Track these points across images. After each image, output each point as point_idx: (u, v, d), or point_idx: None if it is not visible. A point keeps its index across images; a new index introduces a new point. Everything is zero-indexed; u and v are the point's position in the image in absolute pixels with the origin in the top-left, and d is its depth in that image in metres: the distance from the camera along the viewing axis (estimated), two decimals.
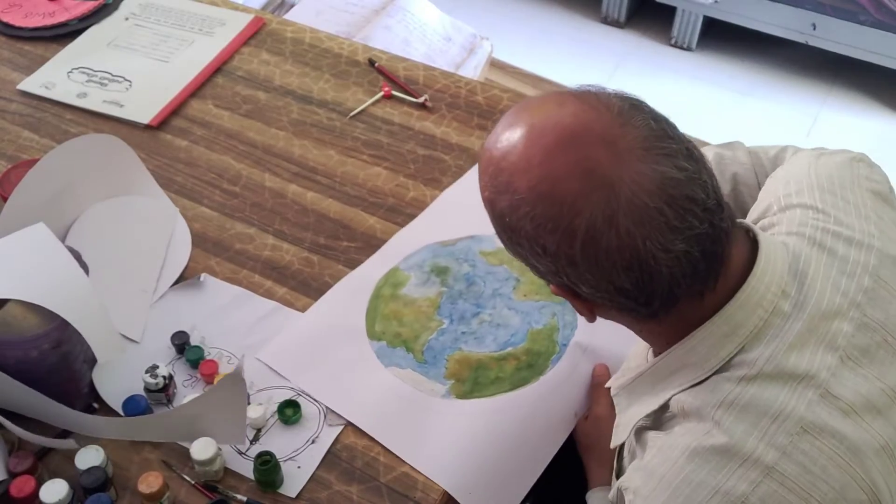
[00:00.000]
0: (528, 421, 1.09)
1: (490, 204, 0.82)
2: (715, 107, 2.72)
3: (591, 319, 0.85)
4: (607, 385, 0.97)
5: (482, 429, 1.08)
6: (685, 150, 0.76)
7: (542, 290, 1.21)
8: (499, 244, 1.24)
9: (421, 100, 1.50)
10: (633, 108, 0.77)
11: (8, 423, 1.02)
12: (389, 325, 1.19)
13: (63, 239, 1.23)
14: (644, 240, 0.73)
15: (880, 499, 0.78)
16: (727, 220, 0.78)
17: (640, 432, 0.89)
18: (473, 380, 1.13)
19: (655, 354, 0.87)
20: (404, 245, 1.28)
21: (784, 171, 0.97)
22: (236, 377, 0.98)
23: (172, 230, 1.30)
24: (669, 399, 0.83)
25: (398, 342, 1.17)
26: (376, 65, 1.57)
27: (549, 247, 0.76)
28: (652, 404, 0.85)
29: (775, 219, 0.89)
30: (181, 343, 1.15)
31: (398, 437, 1.07)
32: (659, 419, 0.86)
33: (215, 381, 1.10)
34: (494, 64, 2.28)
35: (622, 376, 0.93)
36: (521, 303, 1.21)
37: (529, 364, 1.14)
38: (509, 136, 0.79)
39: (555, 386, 1.13)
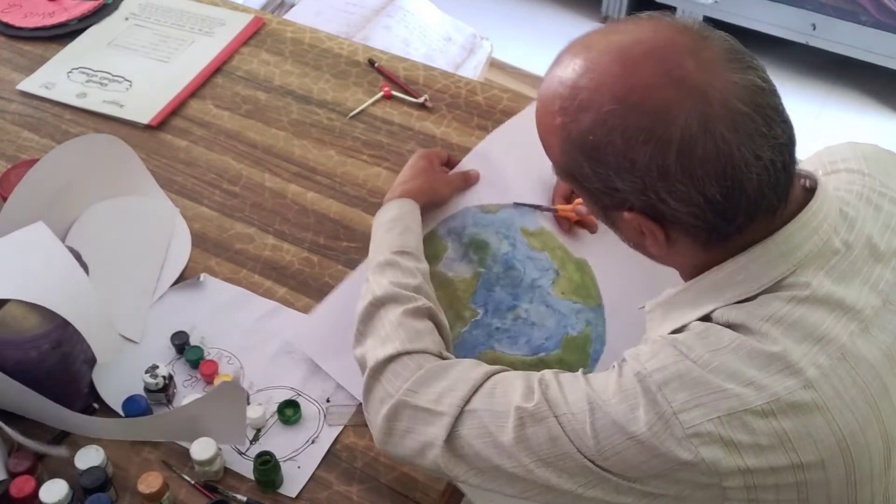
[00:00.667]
0: None
1: (563, 130, 0.80)
2: None
3: (660, 252, 0.84)
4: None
5: None
6: (761, 66, 0.78)
7: (579, 291, 1.17)
8: (541, 223, 1.20)
9: (420, 100, 1.50)
10: (708, 28, 0.79)
11: (4, 427, 1.01)
12: None
13: (63, 239, 1.23)
14: (738, 146, 0.74)
15: (891, 452, 0.79)
16: (794, 139, 0.79)
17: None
18: None
19: None
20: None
21: (826, 149, 0.98)
22: (235, 384, 0.98)
23: (172, 230, 1.30)
24: (712, 312, 0.82)
25: None
26: (376, 65, 1.57)
27: (639, 160, 0.76)
28: (690, 316, 0.84)
29: (822, 180, 0.90)
30: (181, 343, 1.15)
31: None
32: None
33: (215, 382, 1.10)
34: (494, 64, 2.28)
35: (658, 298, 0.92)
36: (559, 301, 1.15)
37: None
38: (586, 56, 0.80)
39: None
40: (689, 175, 0.75)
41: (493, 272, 1.17)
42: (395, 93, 1.52)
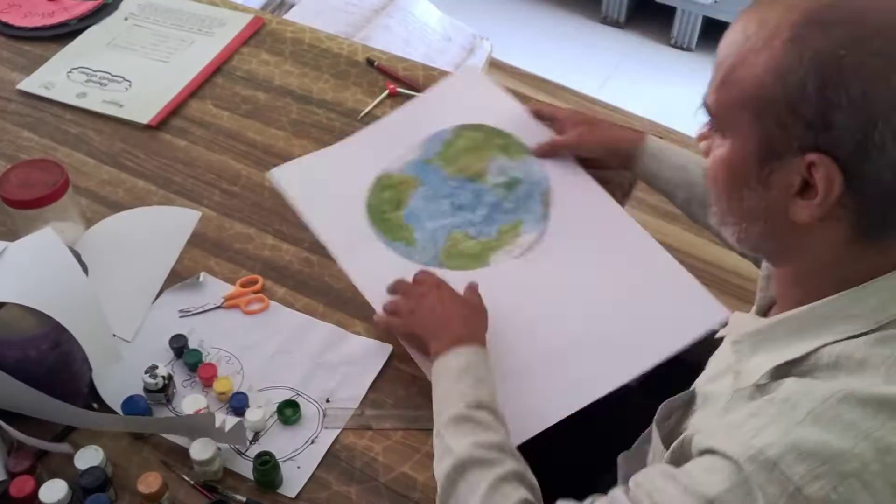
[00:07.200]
0: None
1: (797, 43, 0.71)
2: None
3: (808, 219, 0.75)
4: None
5: None
6: None
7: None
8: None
9: None
10: None
11: (5, 426, 1.01)
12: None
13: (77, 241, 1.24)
14: None
15: None
16: None
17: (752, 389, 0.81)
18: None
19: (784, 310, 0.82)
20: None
21: None
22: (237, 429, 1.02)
23: (187, 234, 1.30)
24: (819, 349, 0.76)
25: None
26: (376, 63, 1.57)
27: (887, 95, 0.69)
28: (793, 351, 0.78)
29: None
30: (180, 346, 1.15)
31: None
32: (787, 370, 0.79)
33: (214, 385, 1.10)
34: (494, 64, 2.28)
35: (743, 326, 0.86)
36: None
37: None
38: None
39: None
40: None
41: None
42: (399, 90, 1.52)
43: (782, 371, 0.79)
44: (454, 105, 1.44)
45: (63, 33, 1.65)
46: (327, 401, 1.11)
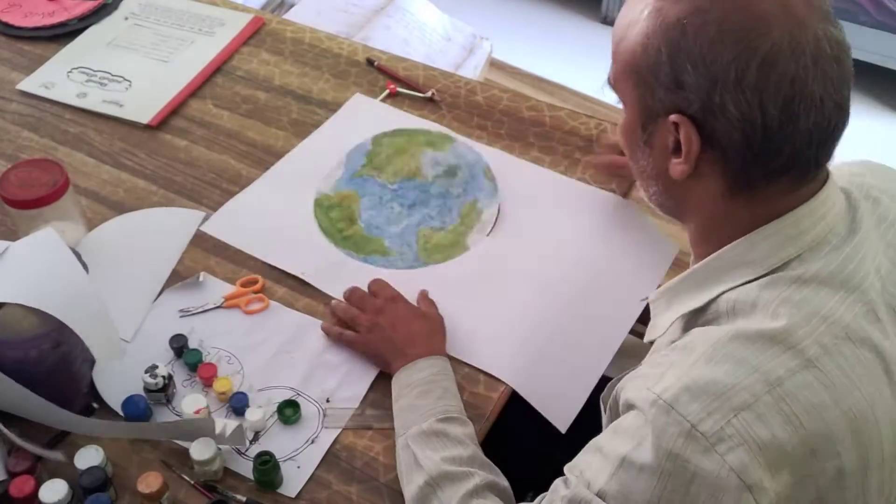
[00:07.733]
0: None
1: (656, 15, 0.79)
2: None
3: (682, 175, 0.82)
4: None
5: None
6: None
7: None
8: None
9: (428, 94, 1.50)
10: None
11: (2, 428, 1.01)
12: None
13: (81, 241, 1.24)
14: (813, 80, 0.75)
15: None
16: (847, 119, 0.80)
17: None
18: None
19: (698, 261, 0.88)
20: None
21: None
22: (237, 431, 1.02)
23: (190, 235, 1.30)
24: (719, 296, 0.83)
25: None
26: (376, 63, 1.57)
27: (723, 56, 0.75)
28: (697, 301, 0.85)
29: (832, 171, 0.91)
30: (179, 346, 1.15)
31: None
32: (694, 321, 0.86)
33: (214, 385, 1.10)
34: (494, 64, 2.28)
35: (662, 286, 0.92)
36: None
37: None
38: None
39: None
40: (761, 88, 0.75)
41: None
42: (400, 89, 1.52)
43: (691, 323, 0.86)
44: (363, 122, 1.45)
45: (63, 33, 1.65)
46: (327, 401, 1.11)
